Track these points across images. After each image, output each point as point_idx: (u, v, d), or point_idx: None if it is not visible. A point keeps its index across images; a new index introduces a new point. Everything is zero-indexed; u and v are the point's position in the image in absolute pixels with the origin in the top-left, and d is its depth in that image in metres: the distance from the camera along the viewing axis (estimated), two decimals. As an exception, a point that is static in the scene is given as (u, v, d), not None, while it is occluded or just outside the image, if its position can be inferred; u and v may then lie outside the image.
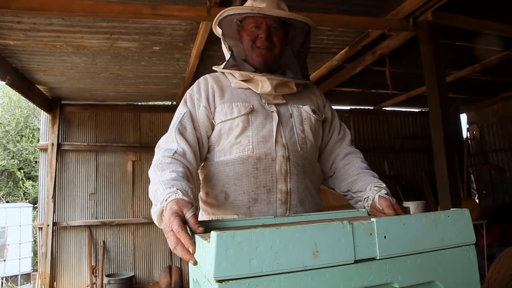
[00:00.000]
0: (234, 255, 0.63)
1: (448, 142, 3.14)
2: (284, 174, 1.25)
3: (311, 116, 1.36)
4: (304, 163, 1.31)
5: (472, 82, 5.45)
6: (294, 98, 1.37)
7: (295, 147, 1.29)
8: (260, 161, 1.25)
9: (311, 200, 1.33)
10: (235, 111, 1.27)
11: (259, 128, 1.27)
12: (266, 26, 1.29)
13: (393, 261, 0.76)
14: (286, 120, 1.32)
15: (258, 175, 1.24)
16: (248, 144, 1.25)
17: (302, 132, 1.33)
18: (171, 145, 1.21)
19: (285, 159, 1.26)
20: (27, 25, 3.21)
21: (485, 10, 3.27)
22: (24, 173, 10.16)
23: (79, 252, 5.45)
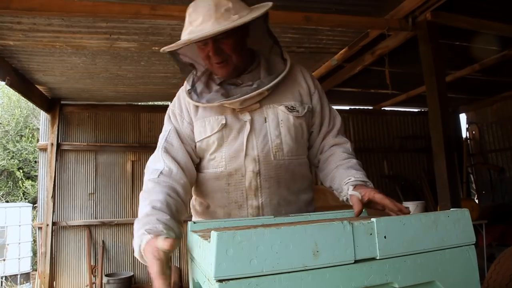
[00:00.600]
0: (235, 255, 0.63)
1: (448, 142, 3.15)
2: (254, 190, 1.25)
3: (289, 116, 1.27)
4: (278, 173, 1.27)
5: (472, 82, 5.46)
6: (270, 96, 1.28)
7: (267, 158, 1.25)
8: (231, 176, 1.25)
9: (288, 207, 1.29)
10: (208, 129, 1.26)
11: (232, 143, 1.25)
12: (212, 41, 1.18)
13: (393, 261, 0.76)
14: (260, 127, 1.26)
15: (229, 190, 1.26)
16: (221, 160, 1.26)
17: (277, 137, 1.26)
18: (158, 165, 1.20)
19: (255, 174, 1.24)
20: (26, 25, 3.21)
21: (484, 10, 3.28)
22: (23, 173, 10.16)
23: (78, 251, 5.46)
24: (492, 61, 4.55)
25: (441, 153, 3.14)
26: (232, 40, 1.20)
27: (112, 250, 5.61)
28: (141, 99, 6.01)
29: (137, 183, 5.83)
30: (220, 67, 1.23)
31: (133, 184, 5.80)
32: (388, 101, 6.42)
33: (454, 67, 4.86)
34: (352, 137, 6.59)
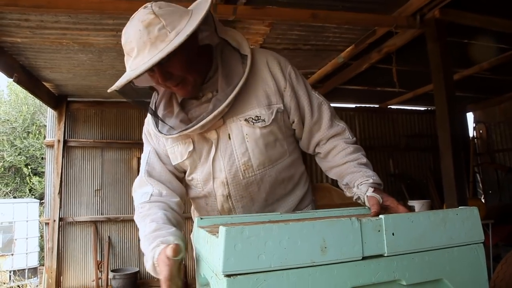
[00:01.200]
0: (243, 250, 0.64)
1: (455, 141, 3.12)
2: (227, 211, 1.25)
3: (254, 129, 1.16)
4: (250, 191, 1.22)
5: (480, 80, 5.41)
6: (233, 106, 1.15)
7: (236, 179, 1.19)
8: (207, 198, 1.28)
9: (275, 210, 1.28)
10: (178, 156, 1.23)
11: (203, 166, 1.22)
12: (158, 69, 1.04)
13: (401, 258, 0.76)
14: (225, 145, 1.17)
15: (208, 210, 1.30)
16: (197, 182, 1.26)
17: (244, 154, 1.17)
18: (145, 188, 1.19)
19: (225, 197, 1.22)
20: (34, 22, 3.23)
21: (493, 7, 3.24)
22: (31, 169, 10.25)
23: (84, 247, 5.50)
24: (501, 60, 4.50)
25: (448, 152, 3.11)
26: (178, 59, 1.05)
27: (118, 246, 5.65)
28: (147, 96, 6.03)
29: (142, 180, 5.85)
30: (177, 89, 1.12)
31: (139, 181, 5.82)
32: (395, 99, 6.38)
33: (462, 66, 4.82)
34: (358, 135, 6.57)
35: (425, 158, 7.00)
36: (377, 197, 1.07)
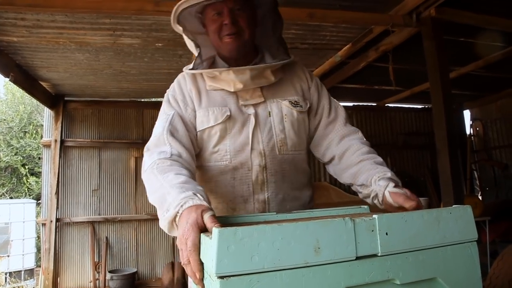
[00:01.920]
0: (236, 251, 0.64)
1: (451, 138, 3.13)
2: (260, 184, 1.22)
3: (293, 111, 1.26)
4: (283, 168, 1.25)
5: (476, 78, 5.43)
6: (274, 90, 1.27)
7: (273, 153, 1.23)
8: (237, 171, 1.22)
9: (293, 203, 1.28)
10: (211, 119, 1.21)
11: (236, 136, 1.22)
12: (228, 10, 1.16)
13: (395, 258, 0.76)
14: (264, 121, 1.24)
15: (235, 185, 1.22)
16: (225, 153, 1.22)
17: (281, 131, 1.25)
18: (163, 147, 1.11)
19: (261, 168, 1.22)
20: (30, 21, 3.22)
21: (489, 5, 3.25)
22: (27, 169, 10.21)
23: (82, 248, 5.49)
24: (497, 58, 4.52)
25: (444, 150, 3.13)
26: (247, 14, 1.19)
27: (116, 246, 5.64)
28: (145, 95, 6.02)
29: (140, 180, 5.81)
30: (231, 39, 1.18)
31: (137, 181, 5.82)
32: (392, 97, 6.40)
33: (458, 64, 4.83)
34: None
35: (423, 156, 7.02)
36: (402, 191, 1.04)
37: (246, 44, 1.21)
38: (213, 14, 1.19)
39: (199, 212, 0.83)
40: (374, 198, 1.12)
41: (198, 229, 0.79)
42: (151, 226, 5.80)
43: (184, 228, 0.81)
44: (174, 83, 1.31)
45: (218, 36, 1.19)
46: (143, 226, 5.78)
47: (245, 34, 1.20)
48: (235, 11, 1.17)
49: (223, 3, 1.16)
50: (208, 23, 1.21)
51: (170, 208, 0.88)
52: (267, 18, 1.27)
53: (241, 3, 1.18)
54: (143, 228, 5.78)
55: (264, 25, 1.28)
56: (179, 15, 1.22)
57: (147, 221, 5.78)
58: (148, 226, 5.80)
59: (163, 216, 0.90)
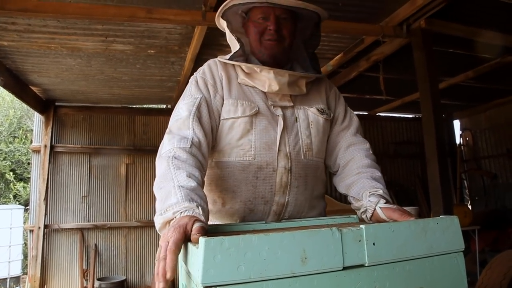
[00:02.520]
0: (222, 261, 0.63)
1: (441, 148, 3.17)
2: (283, 186, 1.20)
3: (319, 118, 1.27)
4: (306, 173, 1.24)
5: (465, 88, 5.50)
6: (302, 98, 1.28)
7: (298, 157, 1.22)
8: (261, 170, 1.18)
9: (310, 210, 1.28)
10: (239, 110, 1.18)
11: (262, 133, 1.19)
12: (275, 17, 1.19)
13: (382, 268, 0.76)
14: (291, 125, 1.23)
15: (257, 184, 1.19)
16: (250, 149, 1.18)
17: (308, 137, 1.25)
18: (185, 132, 1.09)
19: (286, 170, 1.20)
20: (21, 26, 3.20)
21: (477, 18, 3.31)
22: (16, 175, 10.07)
23: (70, 255, 5.41)
24: (485, 69, 4.59)
25: (434, 159, 3.16)
26: (291, 24, 1.23)
27: (105, 253, 5.57)
28: (136, 102, 6.00)
29: (131, 186, 5.80)
30: (272, 44, 1.20)
31: (127, 187, 5.78)
32: (383, 106, 6.46)
33: (448, 74, 4.90)
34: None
35: (413, 165, 7.08)
36: (394, 206, 1.06)
37: (284, 52, 1.24)
38: (259, 17, 1.21)
39: (192, 220, 0.83)
40: (363, 213, 1.13)
41: (183, 232, 0.79)
42: (140, 233, 5.74)
43: (170, 228, 0.81)
44: (204, 67, 1.28)
45: (259, 39, 1.21)
46: (132, 233, 5.72)
47: (286, 42, 1.23)
48: (281, 19, 1.21)
49: (272, 9, 1.19)
50: (252, 24, 1.23)
51: (170, 210, 0.89)
52: (306, 31, 1.29)
53: (288, 13, 1.21)
54: (132, 235, 5.72)
55: (301, 38, 1.30)
56: (227, 10, 1.24)
57: (137, 228, 5.73)
58: (137, 233, 5.74)
59: (161, 214, 0.91)
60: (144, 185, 5.83)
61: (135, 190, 5.80)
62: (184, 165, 1.00)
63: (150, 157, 5.88)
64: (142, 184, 5.84)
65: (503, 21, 3.34)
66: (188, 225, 0.81)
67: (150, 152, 5.81)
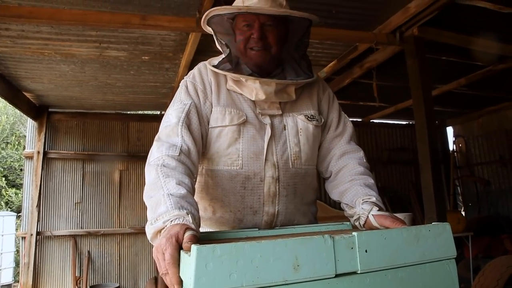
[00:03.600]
0: (214, 269, 0.63)
1: (434, 154, 3.18)
2: (272, 196, 1.19)
3: (308, 125, 1.25)
4: (295, 182, 1.23)
5: (458, 96, 5.56)
6: (292, 104, 1.26)
7: (286, 166, 1.20)
8: (249, 180, 1.18)
9: (301, 218, 1.27)
10: (227, 119, 1.18)
11: (250, 142, 1.18)
12: (259, 25, 1.16)
13: (374, 275, 0.76)
14: (279, 133, 1.22)
15: (245, 195, 1.18)
16: (237, 158, 1.17)
17: (296, 145, 1.22)
18: (174, 139, 1.09)
19: (274, 180, 1.18)
20: (15, 32, 3.19)
21: (469, 26, 3.35)
22: (8, 181, 9.97)
23: (63, 262, 5.35)
24: (478, 76, 4.64)
25: (427, 166, 3.17)
26: (278, 30, 1.18)
27: (98, 260, 5.51)
28: (130, 108, 5.98)
29: (124, 193, 5.76)
30: (257, 54, 1.17)
31: (121, 194, 5.74)
32: (377, 113, 6.49)
33: (441, 81, 4.95)
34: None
35: (407, 171, 7.10)
36: (386, 213, 1.05)
37: (271, 60, 1.20)
38: (243, 25, 1.18)
39: (183, 228, 0.82)
40: (356, 221, 1.13)
41: (176, 242, 0.78)
42: (134, 240, 5.69)
43: (162, 239, 0.80)
44: (194, 71, 1.27)
45: (244, 47, 1.19)
46: (126, 240, 5.67)
47: (272, 50, 1.19)
48: (266, 26, 1.17)
49: (256, 16, 1.16)
50: (237, 31, 1.20)
51: (160, 219, 0.88)
52: (296, 34, 1.25)
53: (274, 20, 1.17)
54: (126, 242, 5.67)
55: (292, 41, 1.26)
56: (211, 19, 1.22)
57: (130, 235, 5.68)
58: (131, 240, 5.69)
59: (151, 224, 0.89)
60: (138, 192, 5.79)
61: (129, 197, 5.77)
62: (174, 173, 0.99)
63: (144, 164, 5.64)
64: (135, 191, 5.80)
65: (495, 29, 3.39)
66: (179, 234, 0.80)
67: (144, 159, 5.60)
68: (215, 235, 1.02)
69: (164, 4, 2.86)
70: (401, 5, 3.01)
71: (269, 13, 1.15)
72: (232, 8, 1.17)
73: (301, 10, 1.20)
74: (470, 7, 2.95)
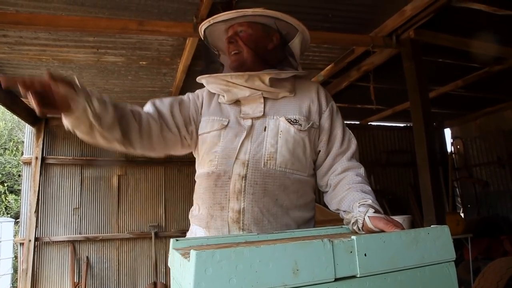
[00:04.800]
0: (214, 274, 0.63)
1: (432, 156, 3.19)
2: (237, 193, 1.22)
3: (290, 128, 1.27)
4: (266, 181, 1.23)
5: (455, 97, 5.58)
6: (278, 107, 1.31)
7: (257, 164, 1.23)
8: (219, 178, 1.25)
9: (273, 219, 1.23)
10: (209, 126, 1.32)
11: (227, 144, 1.27)
12: (233, 33, 1.34)
13: (374, 279, 0.76)
14: (258, 134, 1.27)
15: (216, 191, 1.25)
16: (214, 159, 1.28)
17: (272, 146, 1.25)
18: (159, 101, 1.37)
19: (240, 177, 1.22)
20: (12, 38, 3.19)
21: (465, 28, 3.37)
22: (6, 187, 9.94)
23: (61, 268, 5.32)
24: (474, 78, 4.66)
25: (425, 168, 3.18)
26: (248, 34, 1.33)
27: (97, 266, 5.49)
28: (129, 113, 5.97)
29: (123, 198, 5.75)
30: (233, 57, 1.33)
31: (119, 199, 5.72)
32: (375, 116, 6.51)
33: (438, 83, 4.97)
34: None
35: (406, 173, 7.11)
36: (380, 215, 1.06)
37: (246, 61, 1.32)
38: (226, 36, 1.37)
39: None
40: (354, 224, 1.12)
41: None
42: (133, 245, 5.68)
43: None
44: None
45: (228, 54, 1.35)
46: (125, 245, 5.65)
47: (244, 52, 1.32)
48: (239, 33, 1.34)
49: (230, 28, 1.36)
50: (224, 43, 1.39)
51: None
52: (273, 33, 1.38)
53: (245, 25, 1.34)
54: (125, 248, 5.65)
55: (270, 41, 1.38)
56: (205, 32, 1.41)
57: (129, 240, 5.66)
58: (130, 245, 5.67)
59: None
60: (137, 197, 5.79)
61: (127, 202, 5.75)
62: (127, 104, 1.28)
63: (142, 168, 5.85)
64: (134, 196, 5.79)
65: (491, 31, 3.41)
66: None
67: (142, 163, 5.78)
68: (213, 240, 1.02)
69: (161, 10, 2.87)
70: (397, 8, 3.03)
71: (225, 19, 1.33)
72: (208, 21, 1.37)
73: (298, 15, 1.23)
74: (465, 10, 2.97)
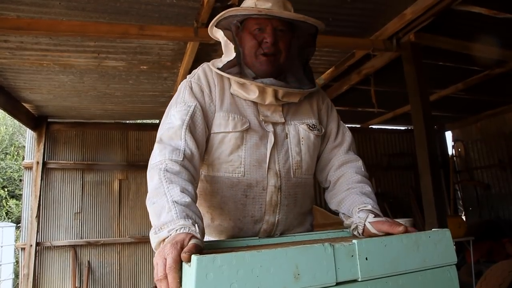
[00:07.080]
0: (215, 279, 0.63)
1: (433, 159, 3.19)
2: (274, 205, 1.17)
3: (310, 134, 1.23)
4: (296, 191, 1.21)
5: (456, 100, 5.57)
6: (294, 112, 1.25)
7: (288, 175, 1.19)
8: (251, 188, 1.15)
9: (297, 227, 1.25)
10: (230, 125, 1.14)
11: (253, 150, 1.15)
12: (272, 29, 1.14)
13: (375, 283, 0.76)
14: (282, 141, 1.20)
15: (247, 203, 1.15)
16: (239, 165, 1.14)
17: (298, 154, 1.21)
18: (177, 143, 1.05)
19: (276, 189, 1.16)
20: (13, 43, 3.21)
21: (465, 31, 3.38)
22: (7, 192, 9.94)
23: (63, 273, 5.31)
24: (475, 81, 4.67)
25: (426, 171, 3.17)
26: (288, 37, 1.18)
27: (98, 270, 5.48)
28: (129, 117, 5.99)
29: (124, 202, 5.75)
30: (267, 59, 1.15)
31: (120, 203, 5.72)
32: (376, 119, 6.51)
33: (438, 86, 4.97)
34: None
35: (407, 176, 7.10)
36: (382, 219, 1.02)
37: (280, 66, 1.18)
38: (255, 29, 1.16)
39: (189, 236, 0.81)
40: (354, 230, 1.10)
41: (181, 248, 0.76)
42: (134, 249, 5.67)
43: (167, 245, 0.78)
44: (198, 71, 1.23)
45: (255, 52, 1.16)
46: (126, 249, 5.65)
47: (281, 56, 1.17)
48: (278, 32, 1.16)
49: (269, 21, 1.14)
50: (247, 36, 1.17)
51: (165, 228, 0.85)
52: (303, 42, 1.23)
53: (285, 25, 1.16)
54: (126, 252, 5.64)
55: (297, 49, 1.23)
56: (222, 20, 1.20)
57: (130, 244, 5.65)
58: (131, 249, 5.66)
59: (155, 233, 0.87)
60: (138, 201, 5.78)
61: (129, 206, 5.75)
62: (177, 179, 0.96)
63: (143, 173, 5.80)
64: (135, 200, 5.79)
65: (491, 34, 3.41)
66: (185, 241, 0.79)
67: (144, 168, 5.68)
68: (214, 244, 1.02)
69: (162, 14, 2.88)
70: (397, 11, 3.04)
71: (289, 18, 1.14)
72: (251, 9, 1.14)
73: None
74: (465, 13, 2.98)
